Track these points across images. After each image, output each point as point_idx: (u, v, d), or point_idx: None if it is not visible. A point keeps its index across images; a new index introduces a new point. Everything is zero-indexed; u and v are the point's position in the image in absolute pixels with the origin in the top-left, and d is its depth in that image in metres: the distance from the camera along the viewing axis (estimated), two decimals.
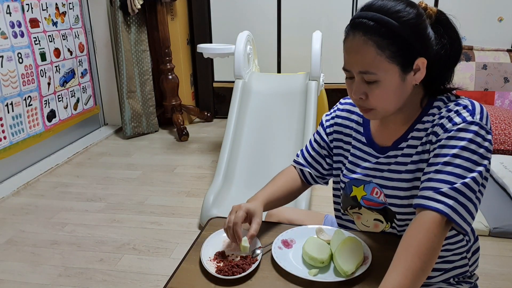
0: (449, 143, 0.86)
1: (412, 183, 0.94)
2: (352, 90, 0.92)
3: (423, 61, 0.88)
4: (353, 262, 0.88)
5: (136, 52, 3.43)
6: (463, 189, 0.82)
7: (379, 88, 0.88)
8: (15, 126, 2.70)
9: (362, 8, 0.90)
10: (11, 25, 2.65)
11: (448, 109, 0.90)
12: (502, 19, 3.38)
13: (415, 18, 0.86)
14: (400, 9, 0.86)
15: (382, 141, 1.02)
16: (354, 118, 1.08)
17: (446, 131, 0.87)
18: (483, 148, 0.85)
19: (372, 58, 0.86)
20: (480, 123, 0.86)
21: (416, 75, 0.90)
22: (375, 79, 0.88)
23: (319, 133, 1.15)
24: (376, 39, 0.85)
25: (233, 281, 0.87)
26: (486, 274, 1.75)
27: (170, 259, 1.91)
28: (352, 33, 0.88)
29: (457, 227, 0.83)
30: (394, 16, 0.85)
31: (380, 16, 0.85)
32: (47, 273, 1.82)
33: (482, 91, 3.19)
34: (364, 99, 0.91)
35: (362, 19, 0.87)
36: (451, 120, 0.87)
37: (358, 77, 0.90)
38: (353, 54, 0.89)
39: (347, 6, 3.51)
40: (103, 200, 2.47)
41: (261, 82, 2.77)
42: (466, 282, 1.05)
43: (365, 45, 0.86)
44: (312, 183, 1.18)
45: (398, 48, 0.85)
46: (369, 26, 0.85)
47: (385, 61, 0.86)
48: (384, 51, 0.85)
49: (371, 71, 0.87)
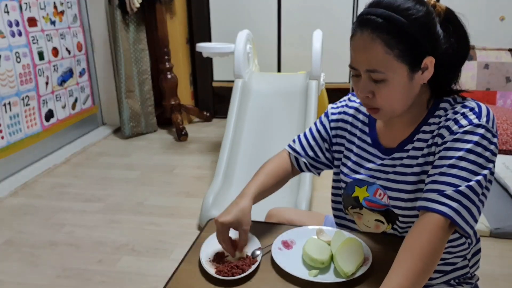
0: (455, 146, 0.85)
1: (416, 185, 0.93)
2: (359, 88, 0.90)
3: (431, 60, 0.87)
4: (354, 263, 0.87)
5: (134, 51, 3.41)
6: (468, 192, 0.81)
7: (387, 87, 0.87)
8: (12, 126, 2.69)
9: (370, 4, 0.87)
10: (9, 24, 2.63)
11: (454, 111, 0.89)
12: (504, 19, 3.37)
13: (425, 16, 0.85)
14: (409, 6, 0.84)
15: (387, 142, 1.00)
16: (360, 117, 1.07)
17: (452, 133, 0.86)
18: (488, 151, 0.84)
19: (380, 57, 0.84)
20: (486, 125, 0.85)
21: (424, 74, 0.88)
22: (383, 78, 0.86)
23: (322, 123, 1.12)
24: (385, 37, 0.83)
25: (232, 282, 0.87)
26: (487, 275, 1.74)
27: (169, 260, 1.90)
28: (360, 30, 0.86)
29: (460, 230, 0.83)
30: (404, 14, 0.83)
31: (389, 13, 0.83)
32: (46, 274, 1.81)
33: (484, 91, 3.18)
34: (371, 97, 0.89)
35: (371, 15, 0.85)
36: (457, 123, 0.86)
37: (365, 75, 0.88)
38: (360, 52, 0.87)
39: (347, 5, 3.50)
40: (101, 200, 2.46)
41: (261, 82, 2.77)
42: (467, 283, 1.05)
43: (373, 43, 0.84)
44: (304, 170, 1.16)
45: (407, 47, 0.84)
46: (377, 23, 0.83)
47: (393, 60, 0.84)
48: (393, 50, 0.83)
49: (378, 69, 0.85)
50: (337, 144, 1.10)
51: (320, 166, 1.14)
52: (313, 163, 1.13)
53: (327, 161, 1.13)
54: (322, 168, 1.15)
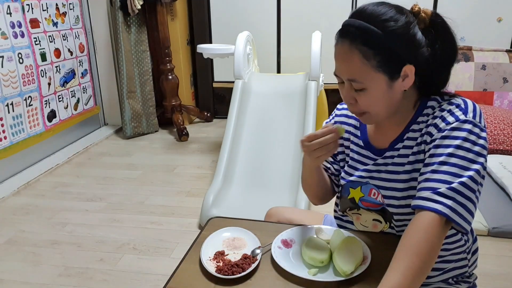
0: (444, 143, 0.86)
1: (408, 183, 0.95)
2: (343, 95, 0.94)
3: (411, 68, 0.88)
4: (353, 262, 0.88)
5: (136, 52, 3.43)
6: (461, 188, 0.82)
7: (367, 96, 0.89)
8: (15, 126, 2.70)
9: (352, 14, 0.89)
10: (12, 25, 2.65)
11: (441, 109, 0.90)
12: (501, 20, 3.38)
13: (403, 27, 0.86)
14: (388, 17, 0.86)
15: (379, 144, 1.02)
16: (351, 122, 1.09)
17: (440, 131, 0.87)
18: (478, 146, 0.85)
19: (358, 67, 0.86)
20: (473, 121, 0.86)
21: (405, 81, 0.90)
22: (362, 87, 0.88)
23: None
24: (362, 48, 0.85)
25: (233, 281, 0.88)
26: (485, 274, 1.76)
27: (170, 259, 1.91)
28: (340, 40, 0.89)
29: (457, 227, 0.83)
30: (381, 26, 0.85)
31: (367, 26, 0.85)
32: (47, 273, 1.82)
33: (481, 91, 3.20)
34: (354, 103, 0.92)
35: (350, 27, 0.87)
36: (445, 120, 0.88)
37: (347, 83, 0.91)
38: (340, 61, 0.90)
39: (346, 6, 3.51)
40: (103, 200, 2.47)
41: (260, 83, 2.78)
42: (465, 281, 1.05)
43: (351, 53, 0.86)
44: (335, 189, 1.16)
45: (384, 58, 0.86)
46: (355, 35, 0.86)
47: (371, 70, 0.86)
48: (369, 61, 0.86)
49: (357, 79, 0.88)
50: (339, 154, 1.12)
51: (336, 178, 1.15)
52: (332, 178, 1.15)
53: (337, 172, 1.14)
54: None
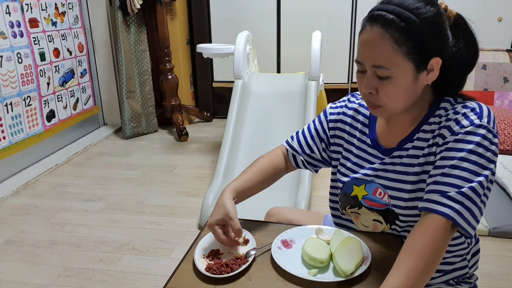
0: (456, 146, 0.84)
1: (417, 185, 0.93)
2: (363, 84, 0.90)
3: (437, 61, 0.87)
4: (353, 262, 0.87)
5: (135, 52, 3.43)
6: (470, 193, 0.81)
7: (391, 85, 0.86)
8: (14, 126, 2.70)
9: (381, 1, 0.88)
10: (11, 25, 2.65)
11: (455, 111, 0.88)
12: (501, 19, 3.38)
13: (435, 16, 0.85)
14: (419, 5, 0.84)
15: (387, 143, 1.00)
16: (360, 118, 1.07)
17: (453, 134, 0.86)
18: (490, 152, 0.84)
19: (387, 53, 0.84)
20: (487, 126, 0.85)
21: (429, 75, 0.88)
22: (388, 75, 0.86)
23: (321, 123, 1.12)
24: (394, 33, 0.83)
25: (233, 281, 0.87)
26: (486, 274, 1.75)
27: (169, 259, 1.91)
28: (369, 26, 0.86)
29: (463, 231, 0.83)
30: (414, 12, 0.83)
31: (401, 10, 0.83)
32: (47, 273, 1.82)
33: (481, 91, 3.19)
34: (374, 94, 0.89)
35: (382, 11, 0.85)
36: (459, 123, 0.86)
37: (370, 71, 0.88)
38: (368, 47, 0.87)
39: (346, 6, 3.51)
40: (102, 200, 2.47)
41: (260, 82, 2.78)
42: (466, 282, 1.05)
43: (382, 38, 0.84)
44: (301, 167, 1.16)
45: (415, 45, 0.84)
46: (388, 19, 0.83)
47: (400, 57, 0.84)
48: (401, 47, 0.83)
49: (385, 66, 0.85)
50: (335, 145, 1.10)
51: (317, 163, 1.15)
52: (310, 161, 1.14)
53: (324, 159, 1.13)
54: (319, 166, 1.16)
